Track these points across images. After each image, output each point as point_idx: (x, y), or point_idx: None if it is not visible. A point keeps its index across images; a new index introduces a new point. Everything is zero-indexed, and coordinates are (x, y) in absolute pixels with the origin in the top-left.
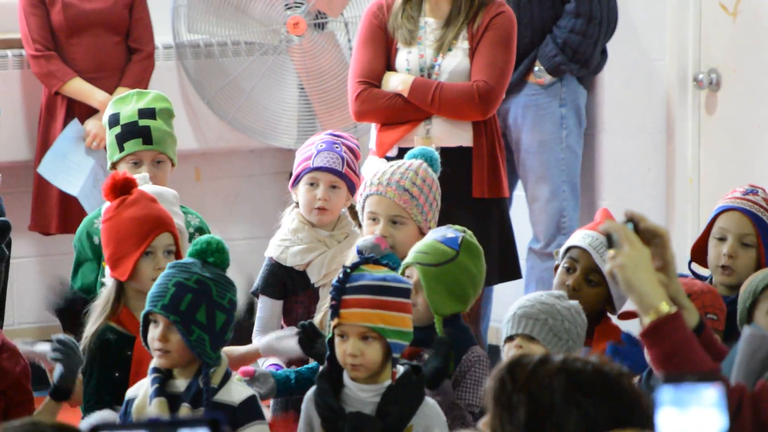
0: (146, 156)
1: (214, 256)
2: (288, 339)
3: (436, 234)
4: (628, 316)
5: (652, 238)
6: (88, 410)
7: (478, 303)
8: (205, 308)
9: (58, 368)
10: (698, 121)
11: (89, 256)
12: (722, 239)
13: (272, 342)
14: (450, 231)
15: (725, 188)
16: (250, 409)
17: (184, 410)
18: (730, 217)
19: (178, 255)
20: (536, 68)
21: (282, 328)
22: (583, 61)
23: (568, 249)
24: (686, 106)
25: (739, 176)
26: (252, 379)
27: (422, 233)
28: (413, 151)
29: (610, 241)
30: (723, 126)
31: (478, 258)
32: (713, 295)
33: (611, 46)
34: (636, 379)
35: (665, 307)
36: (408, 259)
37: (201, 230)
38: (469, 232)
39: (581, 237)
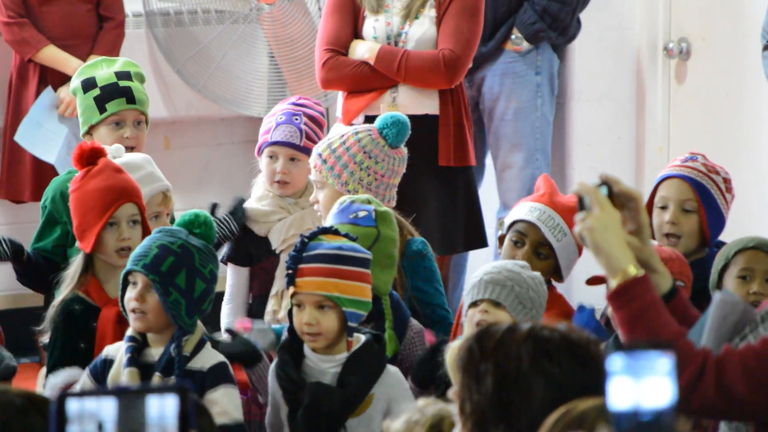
0: (129, 116)
1: (201, 228)
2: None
3: (345, 214)
4: (596, 281)
5: (626, 201)
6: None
7: (445, 272)
8: (186, 273)
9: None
10: (668, 89)
11: (63, 219)
12: (664, 207)
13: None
14: (359, 208)
15: None
16: (218, 374)
17: (156, 379)
18: (670, 185)
19: (144, 224)
20: (514, 36)
21: (250, 294)
22: (561, 28)
23: (515, 222)
24: (656, 75)
25: (708, 145)
26: (251, 332)
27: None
28: (384, 115)
29: (581, 204)
30: (692, 95)
31: (391, 220)
32: (681, 262)
33: (583, 14)
34: (603, 346)
35: (633, 270)
36: None
37: None
38: (375, 200)
39: (528, 210)
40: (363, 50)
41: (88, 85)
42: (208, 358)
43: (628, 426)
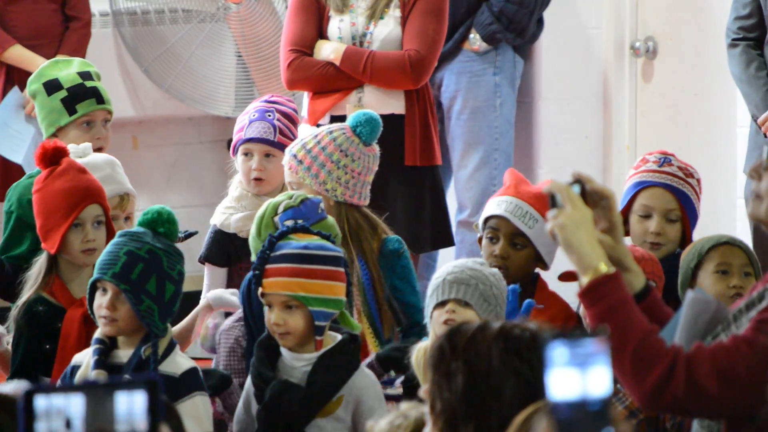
0: (99, 116)
1: (164, 226)
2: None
3: (311, 212)
4: (569, 277)
5: (599, 200)
6: (11, 378)
7: (416, 269)
8: (156, 278)
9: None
10: (635, 88)
11: (32, 222)
12: (647, 216)
13: (221, 294)
14: (317, 201)
15: None
16: (191, 381)
17: None
18: (653, 195)
19: (109, 225)
20: (471, 36)
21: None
22: (518, 30)
23: (487, 219)
24: (623, 74)
25: (675, 143)
26: (217, 332)
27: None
28: (357, 113)
29: (553, 201)
30: (659, 94)
31: None
32: (653, 262)
33: (548, 14)
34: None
35: (603, 268)
36: None
37: None
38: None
39: (496, 205)
40: (328, 51)
41: (52, 87)
42: (179, 363)
43: (567, 416)
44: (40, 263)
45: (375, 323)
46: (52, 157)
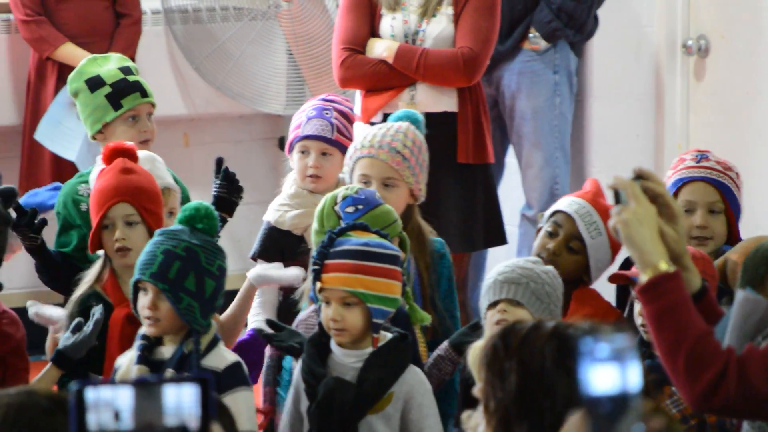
0: (143, 109)
1: (203, 222)
2: (278, 269)
3: (366, 199)
4: (619, 278)
5: (658, 195)
6: (63, 377)
7: (465, 270)
8: (194, 275)
9: (69, 335)
10: (687, 87)
11: (77, 223)
12: (690, 211)
13: (263, 271)
14: (370, 191)
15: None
16: (234, 375)
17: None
18: (694, 189)
19: (147, 223)
20: (531, 34)
21: (280, 292)
22: (578, 26)
23: (553, 213)
24: (675, 73)
25: (727, 142)
26: None
27: (413, 195)
28: (397, 113)
29: (617, 197)
30: (711, 92)
31: None
32: (705, 261)
33: (601, 12)
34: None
35: (664, 266)
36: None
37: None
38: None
39: (568, 203)
40: (381, 49)
41: (95, 83)
42: (222, 357)
43: (602, 410)
44: (99, 260)
45: None
46: (110, 156)
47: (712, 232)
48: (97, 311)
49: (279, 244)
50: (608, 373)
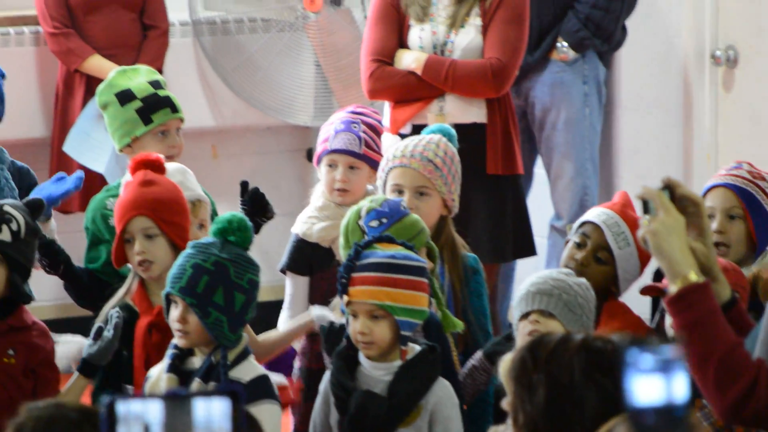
0: (173, 125)
1: (236, 234)
2: (337, 313)
3: (391, 210)
4: (651, 291)
5: (688, 206)
6: (96, 389)
7: (494, 281)
8: (223, 290)
9: (91, 342)
10: (715, 97)
11: (105, 238)
12: (711, 216)
13: (326, 314)
14: (396, 200)
15: None
16: (259, 388)
17: (195, 385)
18: (715, 194)
19: (169, 236)
20: (559, 44)
21: (309, 305)
22: (606, 36)
23: (581, 224)
24: (704, 83)
25: (756, 153)
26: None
27: (446, 206)
28: (431, 127)
29: (645, 207)
30: (740, 103)
31: None
32: (736, 273)
33: (629, 22)
34: None
35: (694, 277)
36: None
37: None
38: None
39: (597, 213)
40: (409, 60)
41: (125, 97)
42: (249, 369)
43: (648, 423)
44: (132, 271)
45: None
46: (135, 168)
47: (729, 239)
48: (113, 314)
49: (308, 257)
50: (653, 385)
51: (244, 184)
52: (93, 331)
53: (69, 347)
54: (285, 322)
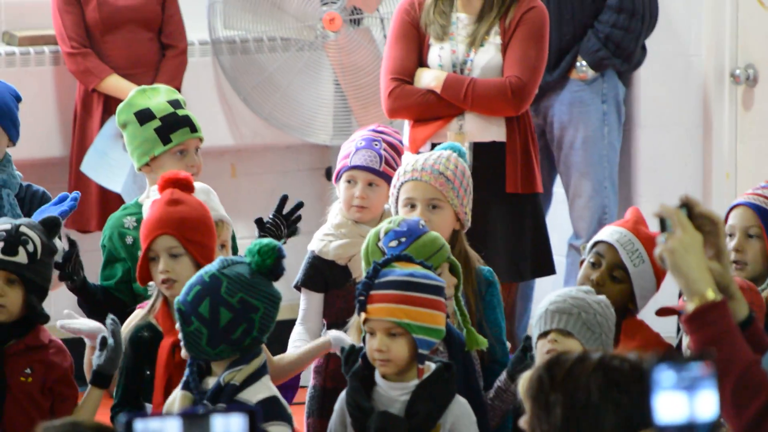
0: (191, 144)
1: (254, 257)
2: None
3: (409, 230)
4: (667, 312)
5: (705, 225)
6: (115, 405)
7: (513, 300)
8: (209, 302)
9: (98, 353)
10: (735, 116)
11: (122, 256)
12: (732, 235)
13: (343, 336)
14: (415, 220)
15: (761, 182)
16: (267, 409)
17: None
18: (736, 213)
19: (193, 257)
20: (579, 63)
21: (324, 322)
22: (625, 55)
23: (595, 244)
24: (723, 102)
25: None
26: None
27: (458, 219)
28: (441, 146)
29: (663, 225)
30: (760, 121)
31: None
32: (753, 292)
33: (649, 41)
34: None
35: (711, 295)
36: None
37: None
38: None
39: (610, 233)
40: (429, 79)
41: (145, 116)
42: (260, 390)
43: None
44: (157, 290)
45: None
46: (163, 187)
47: (746, 257)
48: (109, 323)
49: (323, 274)
50: (680, 402)
51: (283, 198)
52: (98, 342)
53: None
54: (297, 336)
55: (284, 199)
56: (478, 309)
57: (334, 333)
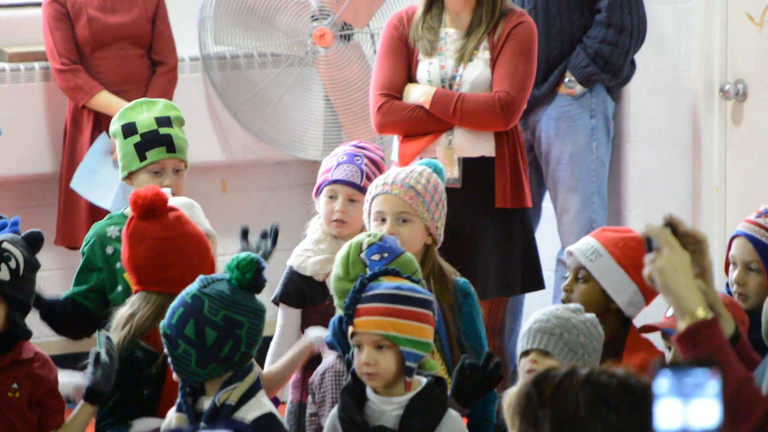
0: (168, 164)
1: (233, 272)
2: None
3: (390, 247)
4: (650, 329)
5: (690, 243)
6: (100, 422)
7: (502, 315)
8: (194, 323)
9: (92, 369)
10: (724, 131)
11: (98, 266)
12: (734, 264)
13: (323, 333)
14: (391, 239)
15: (751, 198)
16: (261, 428)
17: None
18: (737, 245)
19: (178, 282)
20: (567, 79)
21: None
22: (614, 71)
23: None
24: (712, 117)
25: (765, 187)
26: None
27: (430, 233)
28: (419, 162)
29: (649, 245)
30: (749, 136)
31: None
32: (735, 307)
33: (638, 56)
34: None
35: (702, 313)
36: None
37: None
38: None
39: (569, 248)
40: (418, 94)
41: (128, 130)
42: (255, 407)
43: None
44: (149, 309)
45: (447, 361)
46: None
47: (748, 291)
48: (103, 338)
49: (301, 289)
50: (678, 409)
51: (276, 231)
52: (91, 358)
53: (70, 379)
54: (273, 354)
55: (277, 231)
56: (455, 323)
57: (312, 332)
